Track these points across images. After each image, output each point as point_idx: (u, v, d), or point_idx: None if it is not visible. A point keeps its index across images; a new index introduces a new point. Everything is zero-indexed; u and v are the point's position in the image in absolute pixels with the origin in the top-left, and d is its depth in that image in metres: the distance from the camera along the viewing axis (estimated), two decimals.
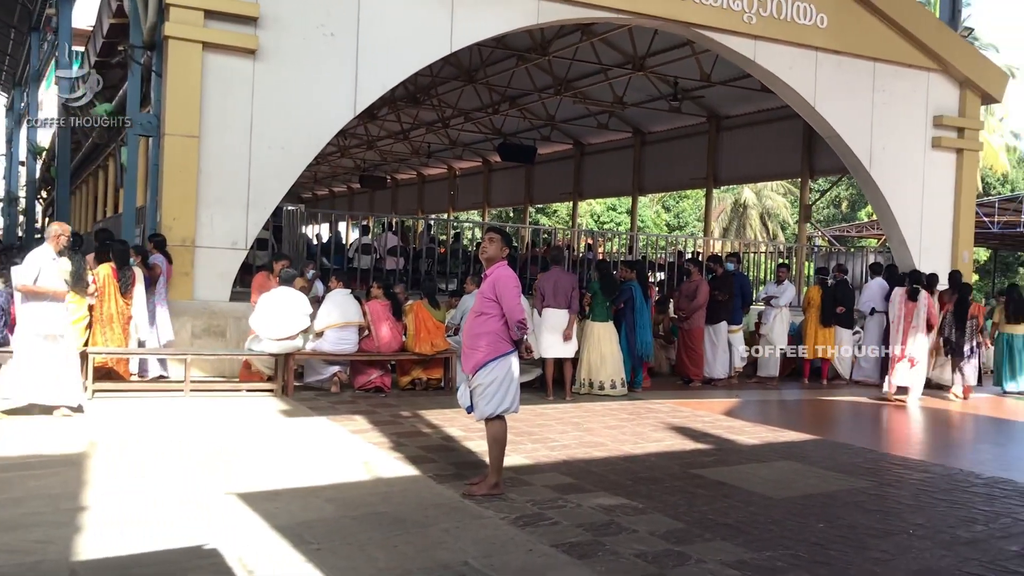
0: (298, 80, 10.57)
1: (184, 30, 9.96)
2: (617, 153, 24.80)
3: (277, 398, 9.40)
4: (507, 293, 5.65)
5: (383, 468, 6.38)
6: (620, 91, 20.69)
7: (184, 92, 10.03)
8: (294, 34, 10.52)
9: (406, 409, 9.01)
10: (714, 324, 12.30)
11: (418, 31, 11.15)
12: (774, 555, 4.68)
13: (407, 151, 31.27)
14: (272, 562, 4.30)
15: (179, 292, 10.02)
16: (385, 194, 37.82)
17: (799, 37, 13.60)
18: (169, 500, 5.35)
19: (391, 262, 14.92)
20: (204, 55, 10.06)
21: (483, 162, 30.80)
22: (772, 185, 42.81)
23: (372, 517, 5.10)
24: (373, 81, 11.02)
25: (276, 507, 5.22)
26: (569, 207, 30.32)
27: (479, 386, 5.73)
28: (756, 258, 18.25)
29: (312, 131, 10.84)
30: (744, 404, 10.91)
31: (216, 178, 10.25)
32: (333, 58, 10.71)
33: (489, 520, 5.12)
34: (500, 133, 26.18)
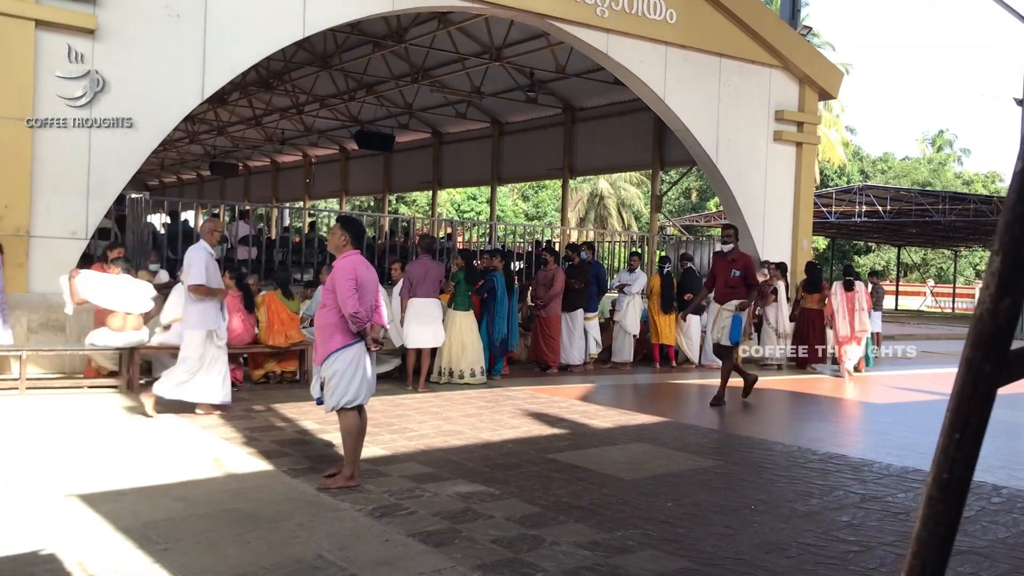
0: (141, 62, 10.10)
1: (13, 6, 9.35)
2: (476, 143, 24.92)
3: (122, 394, 9.01)
4: (340, 286, 5.60)
5: (235, 464, 6.22)
6: (478, 81, 20.78)
7: (14, 72, 9.41)
8: (137, 14, 10.04)
9: (259, 403, 8.81)
10: (571, 312, 12.57)
11: (270, 14, 10.85)
12: (625, 535, 4.84)
13: (260, 137, 30.44)
14: (115, 565, 4.13)
15: (13, 285, 9.43)
16: (237, 182, 36.70)
17: (649, 31, 14.01)
18: (3, 504, 5.06)
19: (243, 251, 14.49)
20: (37, 33, 9.47)
21: (340, 150, 30.33)
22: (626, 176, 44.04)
23: (223, 514, 4.97)
24: (222, 65, 10.66)
25: (120, 508, 5.02)
26: (429, 196, 30.25)
27: (325, 378, 5.68)
28: (611, 247, 18.72)
29: (157, 116, 10.38)
30: (599, 389, 11.19)
31: (53, 163, 9.69)
32: (179, 40, 10.29)
33: (345, 512, 5.08)
34: (357, 121, 25.83)
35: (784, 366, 14.40)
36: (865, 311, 13.72)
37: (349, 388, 5.62)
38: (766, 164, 15.88)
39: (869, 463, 7.12)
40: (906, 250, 50.44)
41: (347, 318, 5.56)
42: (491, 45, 18.41)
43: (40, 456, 6.30)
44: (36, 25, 9.47)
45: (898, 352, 16.66)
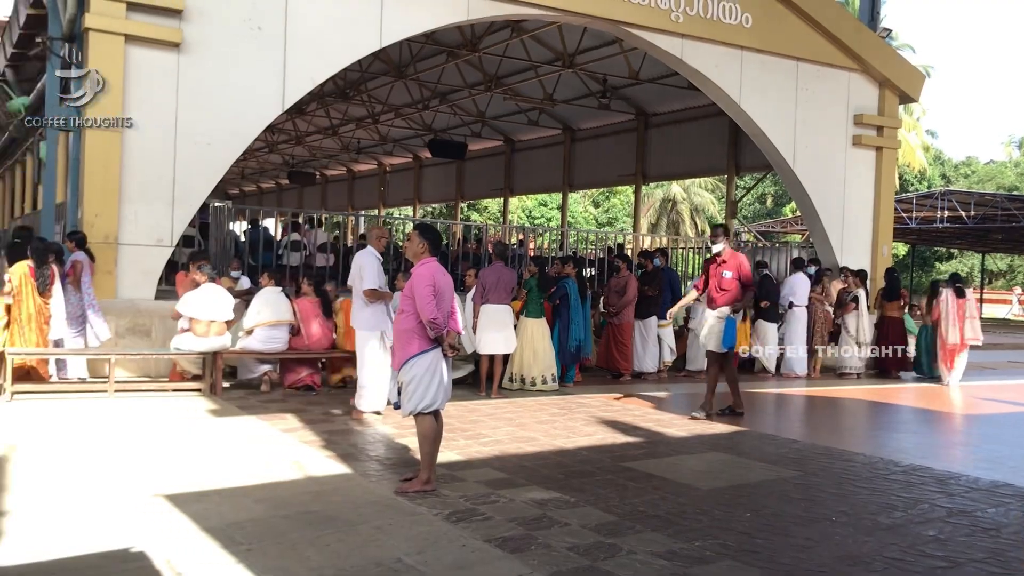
0: (224, 74, 10.39)
1: (105, 22, 9.71)
2: (547, 149, 24.96)
3: (205, 397, 9.24)
4: (418, 292, 5.67)
5: (314, 467, 6.33)
6: (550, 88, 20.82)
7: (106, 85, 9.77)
8: (220, 27, 10.33)
9: (337, 407, 8.95)
10: (644, 319, 12.48)
11: (347, 26, 11.06)
12: (703, 545, 4.79)
13: (337, 147, 30.98)
14: (201, 564, 4.24)
15: (102, 290, 9.76)
16: (314, 190, 37.40)
17: (725, 36, 13.86)
18: (95, 503, 5.24)
19: (321, 259, 14.76)
20: (126, 48, 9.82)
21: (413, 158, 30.67)
22: (700, 181, 43.56)
23: (303, 516, 5.06)
24: (301, 76, 10.90)
25: (205, 508, 5.14)
26: (500, 203, 30.39)
27: (402, 383, 5.76)
28: (684, 253, 18.55)
29: (239, 126, 10.67)
30: (673, 397, 11.09)
31: (140, 173, 10.02)
32: (260, 52, 10.55)
33: (422, 517, 5.13)
34: (430, 129, 26.11)
35: (862, 375, 14.07)
36: (976, 319, 13.74)
37: (426, 393, 5.68)
38: (845, 169, 15.56)
39: (956, 476, 6.91)
40: (991, 256, 48.82)
41: (425, 324, 5.62)
42: (564, 52, 18.43)
43: (128, 456, 6.50)
44: (126, 40, 9.81)
45: None
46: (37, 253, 8.95)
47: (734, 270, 9.19)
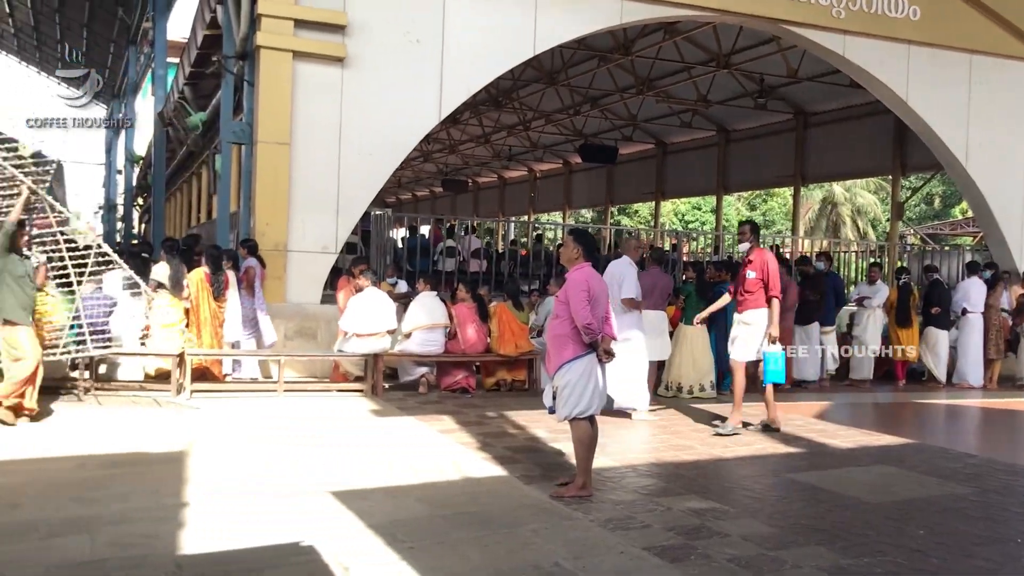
0: (385, 87, 10.74)
1: (275, 39, 10.23)
2: (701, 152, 24.53)
3: (367, 398, 9.56)
4: (573, 297, 5.67)
5: (471, 468, 6.44)
6: (704, 89, 20.46)
7: (275, 100, 10.29)
8: (381, 41, 10.70)
9: (492, 410, 9.07)
10: (805, 325, 12.05)
11: (502, 35, 11.23)
12: (872, 561, 4.58)
13: (488, 154, 31.48)
14: (367, 560, 4.38)
15: (272, 295, 10.28)
16: (466, 197, 38.12)
17: (890, 31, 13.23)
18: (266, 497, 5.50)
19: (475, 264, 15.03)
20: (294, 64, 10.31)
21: (564, 164, 30.79)
22: (862, 182, 41.70)
23: (462, 516, 5.15)
24: (458, 86, 11.14)
25: (369, 505, 5.31)
26: (651, 207, 30.09)
27: (557, 388, 5.78)
28: (846, 257, 17.81)
29: (398, 137, 11.01)
30: (836, 407, 10.66)
31: (307, 184, 10.49)
32: (419, 64, 10.85)
33: (578, 522, 5.12)
34: (581, 134, 26.15)
35: None
36: None
37: (582, 398, 5.68)
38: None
39: None
40: None
41: (580, 329, 5.63)
42: (719, 52, 18.08)
43: (296, 453, 6.79)
44: (293, 56, 10.30)
45: None
46: (212, 260, 9.52)
47: (758, 270, 8.30)
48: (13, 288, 7.27)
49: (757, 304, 8.24)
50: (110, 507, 5.17)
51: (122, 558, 4.33)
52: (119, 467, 6.17)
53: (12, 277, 7.28)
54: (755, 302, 8.26)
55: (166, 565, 4.27)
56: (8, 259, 7.31)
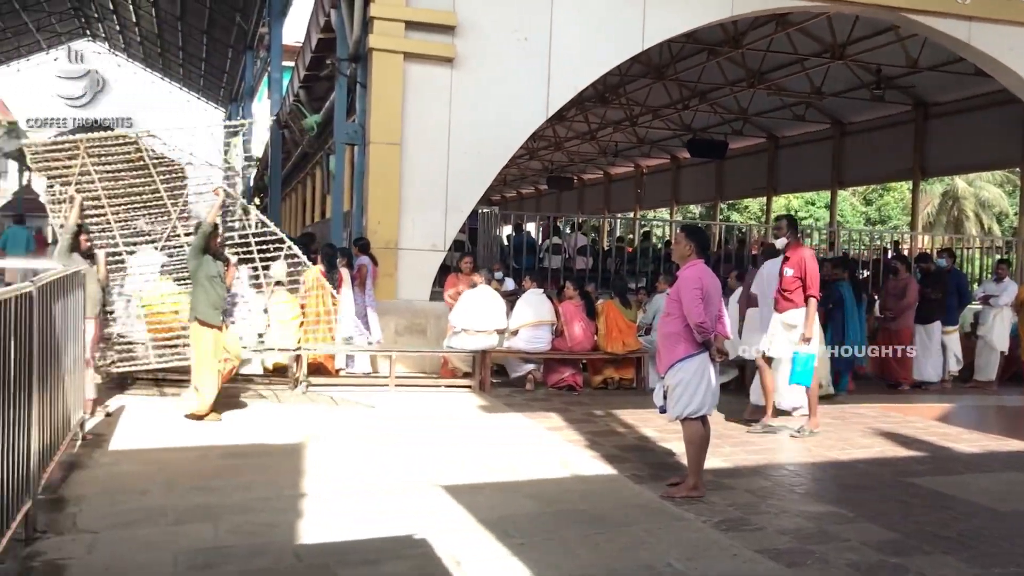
0: (493, 85, 10.82)
1: (387, 42, 10.43)
2: (814, 145, 23.83)
3: (475, 394, 9.66)
4: (686, 295, 5.59)
5: (580, 466, 6.43)
6: (818, 81, 19.87)
7: (387, 101, 10.50)
8: (489, 40, 10.79)
9: (599, 408, 9.04)
10: (926, 324, 11.57)
11: (609, 31, 11.16)
12: (1004, 572, 4.37)
13: (594, 151, 31.33)
14: (478, 554, 4.43)
15: (383, 292, 10.50)
16: (571, 194, 38.04)
17: (1019, 15, 12.57)
18: (379, 489, 5.63)
19: (581, 261, 15.00)
20: (405, 65, 10.49)
21: (671, 159, 30.40)
22: (987, 174, 39.77)
23: (572, 514, 5.16)
24: (565, 83, 11.13)
25: (479, 500, 5.37)
26: (761, 203, 29.44)
27: (669, 387, 5.71)
28: (969, 254, 17.02)
29: (506, 135, 11.08)
30: (959, 410, 10.20)
31: (417, 183, 10.67)
32: (526, 62, 10.89)
33: (690, 523, 5.06)
34: (689, 129, 25.76)
35: None
36: None
37: (694, 398, 5.61)
38: None
39: None
40: None
41: (692, 327, 5.55)
42: (833, 43, 17.51)
43: (408, 446, 6.92)
44: (404, 57, 10.49)
45: None
46: (327, 258, 9.78)
47: (795, 267, 7.73)
48: (206, 288, 7.53)
49: (799, 304, 7.75)
50: (232, 496, 5.38)
51: (244, 546, 4.50)
52: (239, 458, 6.40)
53: (206, 277, 7.54)
54: (796, 302, 7.76)
55: (286, 554, 4.42)
56: (203, 260, 7.58)
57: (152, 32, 35.64)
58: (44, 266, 5.96)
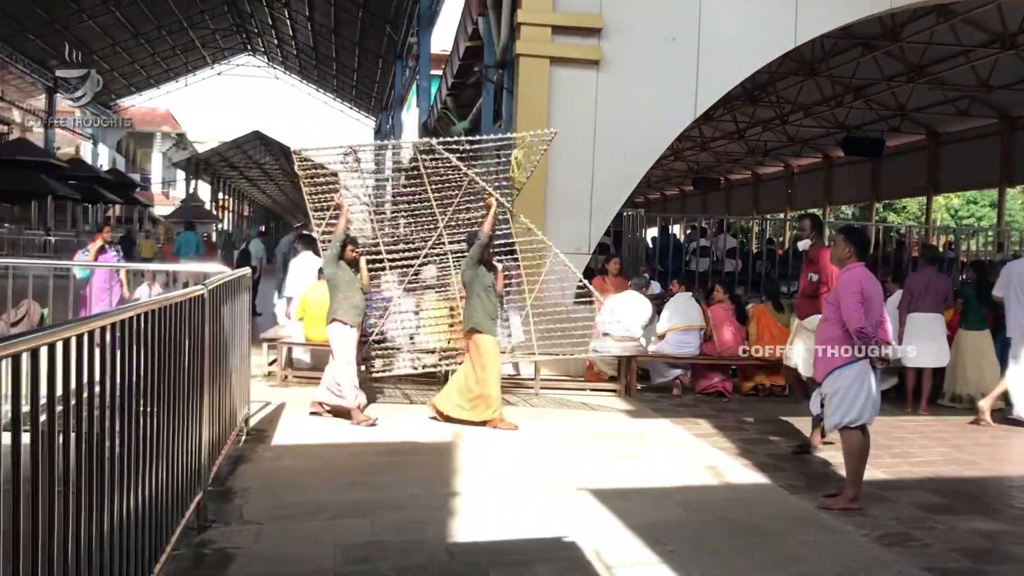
0: (639, 87, 10.71)
1: (533, 47, 10.50)
2: (979, 141, 22.50)
3: (620, 398, 9.59)
4: (845, 299, 5.37)
5: (731, 474, 6.28)
6: (984, 73, 18.75)
7: (533, 106, 10.55)
8: (636, 42, 10.69)
9: (750, 415, 8.81)
10: None
11: (760, 28, 10.86)
12: None
13: (742, 150, 30.63)
14: (628, 560, 4.39)
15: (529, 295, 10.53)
16: (718, 195, 37.32)
17: None
18: (527, 490, 5.67)
19: (729, 264, 14.67)
20: (551, 69, 10.52)
21: (823, 158, 29.37)
22: None
23: (724, 523, 5.04)
24: (713, 82, 10.90)
25: (628, 505, 5.32)
26: (920, 202, 28.03)
27: (826, 395, 5.51)
28: None
29: (652, 136, 10.94)
30: None
31: (562, 186, 10.68)
32: (674, 62, 10.73)
33: (849, 536, 4.86)
34: (843, 127, 24.81)
35: None
36: None
37: (853, 406, 5.39)
38: None
39: None
40: None
41: (852, 333, 5.33)
42: (1003, 33, 16.49)
43: (553, 450, 6.93)
44: (551, 62, 10.52)
45: None
46: None
47: (820, 271, 7.16)
48: (482, 298, 7.73)
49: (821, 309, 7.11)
50: (386, 493, 5.54)
51: (399, 542, 4.62)
52: (393, 456, 6.59)
53: (482, 287, 7.73)
54: (819, 306, 6.95)
55: (439, 551, 4.51)
56: (478, 270, 7.75)
57: (307, 45, 37.28)
58: (213, 269, 6.30)
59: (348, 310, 7.71)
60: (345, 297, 7.73)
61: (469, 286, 7.77)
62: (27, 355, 2.29)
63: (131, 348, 3.20)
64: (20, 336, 2.33)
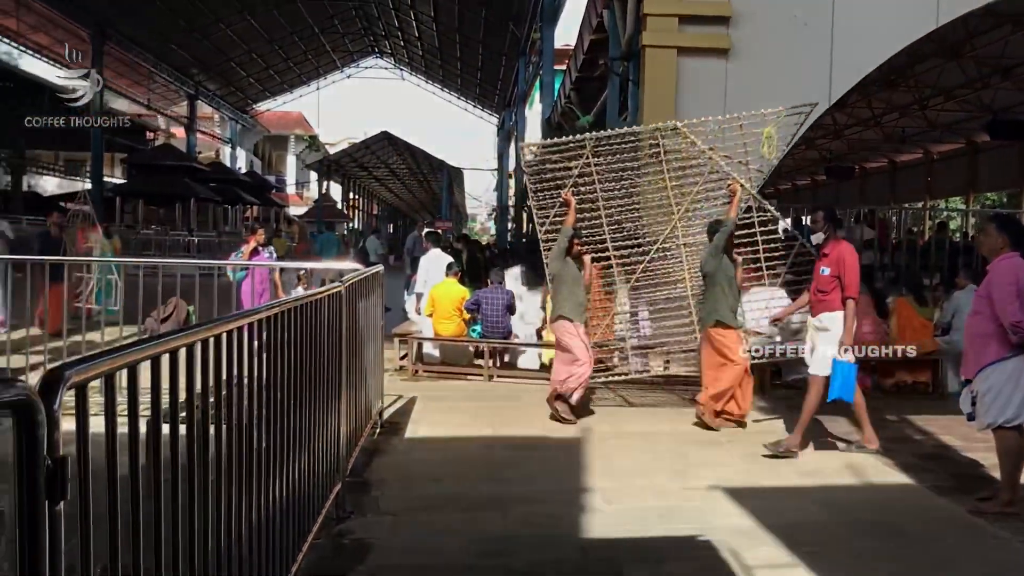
0: (769, 75, 10.40)
1: (660, 37, 10.34)
2: None
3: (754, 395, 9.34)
4: (998, 292, 5.06)
5: (873, 474, 6.04)
6: None
7: (660, 97, 10.40)
8: (765, 28, 10.39)
9: (891, 413, 8.42)
10: None
11: (899, 9, 10.38)
12: None
13: (878, 138, 29.39)
14: (765, 561, 4.29)
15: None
16: (851, 184, 35.93)
17: None
18: (659, 487, 5.61)
19: (867, 256, 14.09)
20: (678, 59, 10.34)
21: (967, 143, 27.85)
22: None
23: (867, 525, 4.85)
24: (848, 68, 10.49)
25: (764, 505, 5.19)
26: None
27: (978, 393, 5.21)
28: None
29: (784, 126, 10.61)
30: None
31: None
32: (805, 49, 10.38)
33: (1006, 542, 4.60)
34: (989, 110, 23.44)
35: None
36: None
37: (1008, 405, 5.08)
38: None
39: None
40: None
41: (1007, 327, 5.03)
42: None
43: (685, 446, 6.80)
44: (678, 52, 10.34)
45: None
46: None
47: (832, 265, 6.65)
48: (725, 290, 7.48)
49: (834, 306, 6.65)
50: (517, 487, 5.57)
51: (532, 536, 4.64)
52: (521, 450, 6.62)
53: (726, 279, 7.59)
54: (831, 304, 6.67)
55: (571, 547, 4.51)
56: (722, 261, 7.54)
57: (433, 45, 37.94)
58: (349, 267, 6.47)
59: (573, 308, 7.63)
60: (571, 293, 7.64)
61: (712, 277, 7.51)
62: (184, 351, 2.40)
63: (277, 343, 3.31)
64: (174, 333, 2.44)
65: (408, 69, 47.73)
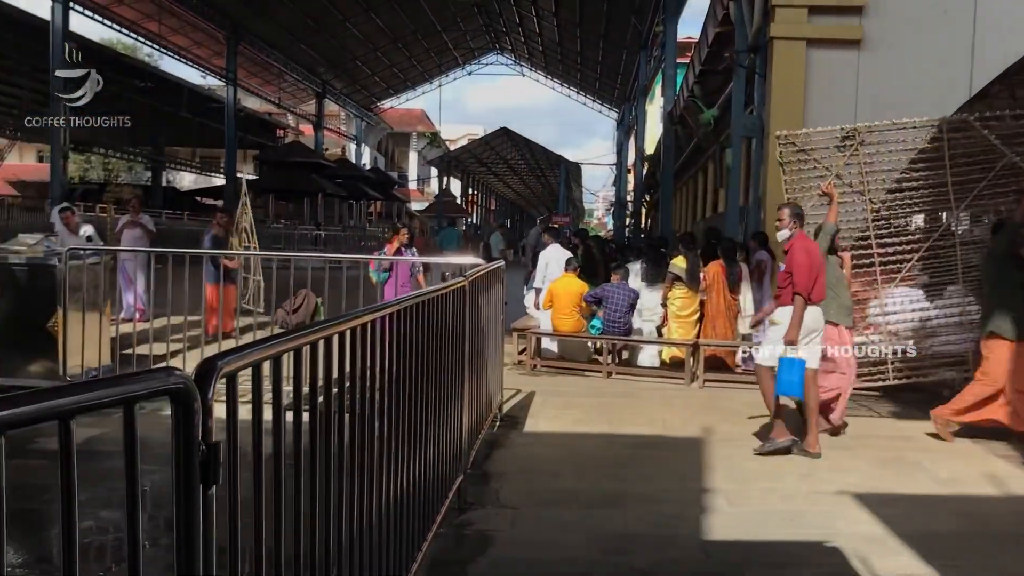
0: (905, 66, 10.00)
1: (788, 29, 10.08)
2: None
3: (882, 399, 9.00)
4: None
5: (1016, 485, 5.71)
6: None
7: (788, 90, 10.14)
8: (902, 18, 9.99)
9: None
10: None
11: None
12: None
13: None
14: (901, 572, 4.12)
15: None
16: None
17: None
18: (784, 490, 5.47)
19: None
20: (807, 51, 10.06)
21: None
22: None
23: (1012, 538, 4.62)
24: (992, 57, 9.99)
25: (896, 513, 4.98)
26: None
27: None
28: None
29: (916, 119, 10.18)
30: None
31: None
32: (945, 37, 9.93)
33: None
34: None
35: None
36: None
37: None
38: None
39: None
40: None
41: None
42: None
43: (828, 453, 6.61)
44: (807, 44, 10.06)
45: None
46: (727, 252, 9.68)
47: (787, 262, 6.52)
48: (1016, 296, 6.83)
49: (786, 302, 6.50)
50: (637, 485, 5.52)
51: (653, 535, 4.59)
52: (642, 448, 6.56)
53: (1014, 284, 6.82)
54: (784, 299, 6.57)
55: (693, 548, 4.44)
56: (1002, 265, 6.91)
57: (553, 40, 37.98)
58: (471, 261, 6.55)
59: (837, 310, 7.08)
60: (834, 295, 7.03)
61: (993, 283, 6.98)
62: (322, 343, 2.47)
63: (405, 336, 3.38)
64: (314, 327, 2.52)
65: (528, 65, 47.93)
